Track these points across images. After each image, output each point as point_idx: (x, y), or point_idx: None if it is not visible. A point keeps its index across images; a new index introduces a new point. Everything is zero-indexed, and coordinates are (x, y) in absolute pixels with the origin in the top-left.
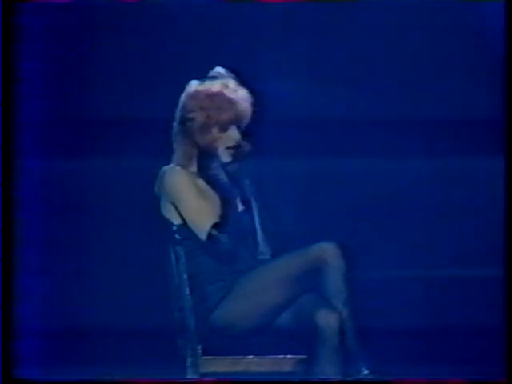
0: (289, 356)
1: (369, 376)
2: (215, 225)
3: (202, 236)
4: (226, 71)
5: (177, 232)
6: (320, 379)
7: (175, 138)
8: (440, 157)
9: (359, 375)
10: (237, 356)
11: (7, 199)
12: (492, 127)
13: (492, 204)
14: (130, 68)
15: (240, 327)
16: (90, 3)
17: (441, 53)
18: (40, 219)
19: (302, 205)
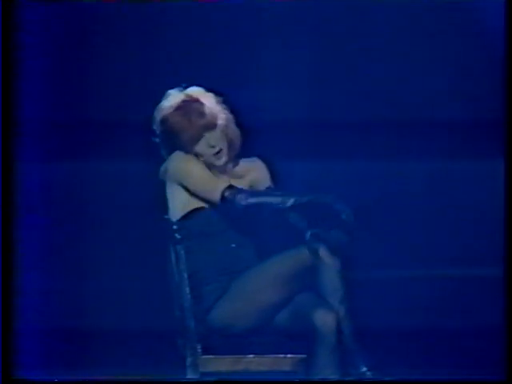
0: (289, 355)
1: (368, 373)
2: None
3: (215, 198)
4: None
5: (177, 231)
6: (320, 379)
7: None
8: (440, 157)
9: (358, 373)
10: (237, 355)
11: (7, 200)
12: (492, 128)
13: (492, 204)
14: (131, 69)
15: (238, 327)
16: (90, 3)
17: (441, 53)
18: (40, 219)
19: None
